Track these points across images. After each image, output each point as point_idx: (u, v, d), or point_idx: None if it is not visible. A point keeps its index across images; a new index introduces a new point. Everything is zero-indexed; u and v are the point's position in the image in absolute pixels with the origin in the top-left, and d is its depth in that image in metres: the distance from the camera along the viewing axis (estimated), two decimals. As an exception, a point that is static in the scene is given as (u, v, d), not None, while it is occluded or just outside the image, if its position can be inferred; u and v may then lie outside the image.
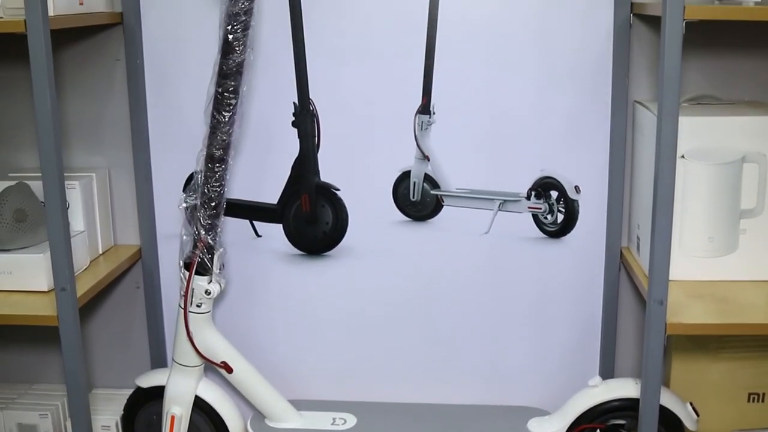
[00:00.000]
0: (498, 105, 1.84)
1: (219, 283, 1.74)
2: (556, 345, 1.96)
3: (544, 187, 1.87)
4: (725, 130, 1.63)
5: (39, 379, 2.12)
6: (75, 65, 1.91)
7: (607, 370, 1.96)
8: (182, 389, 1.79)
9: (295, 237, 1.94)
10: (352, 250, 1.93)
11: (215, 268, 1.72)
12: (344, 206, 1.91)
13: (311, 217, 1.92)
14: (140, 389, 1.89)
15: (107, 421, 1.94)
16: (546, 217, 1.89)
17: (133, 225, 1.98)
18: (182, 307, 1.74)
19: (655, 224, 1.45)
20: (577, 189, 1.87)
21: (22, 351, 2.11)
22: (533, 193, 1.88)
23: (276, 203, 1.92)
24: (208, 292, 1.73)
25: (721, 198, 1.66)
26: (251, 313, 1.99)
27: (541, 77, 1.82)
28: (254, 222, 1.94)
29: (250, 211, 1.93)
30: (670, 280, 1.48)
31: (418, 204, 1.91)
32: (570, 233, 1.89)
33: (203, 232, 1.69)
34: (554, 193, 1.87)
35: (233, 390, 1.88)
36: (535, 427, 1.84)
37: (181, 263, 1.73)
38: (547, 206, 1.88)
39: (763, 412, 1.85)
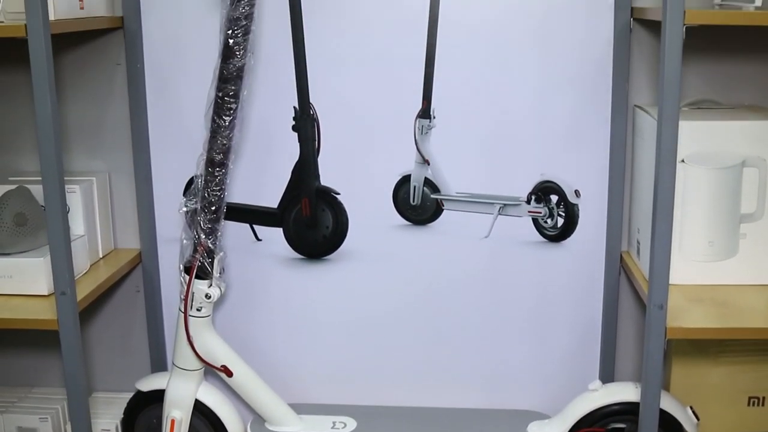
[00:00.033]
0: (498, 109, 1.84)
1: (219, 287, 1.74)
2: (557, 349, 1.96)
3: (544, 191, 1.87)
4: (725, 135, 1.63)
5: (39, 383, 2.12)
6: (75, 69, 1.91)
7: (607, 373, 1.96)
8: (182, 393, 1.79)
9: (295, 241, 1.94)
10: (353, 254, 1.93)
11: (215, 272, 1.73)
12: (344, 210, 1.91)
13: (311, 221, 1.92)
14: (140, 393, 1.89)
15: (107, 424, 1.94)
16: (546, 221, 1.89)
17: (133, 229, 1.98)
18: (182, 311, 1.74)
19: (655, 228, 1.45)
20: (577, 193, 1.87)
21: (22, 354, 2.11)
22: (533, 197, 1.88)
23: (276, 207, 1.92)
24: (208, 296, 1.73)
25: (721, 202, 1.66)
26: (251, 317, 1.99)
27: (541, 81, 1.82)
28: (254, 226, 1.94)
29: (251, 215, 1.93)
30: (670, 284, 1.48)
31: (418, 208, 1.91)
32: (570, 237, 1.89)
33: (203, 236, 1.69)
34: (554, 198, 1.87)
35: (233, 394, 1.88)
36: (535, 430, 1.84)
37: (182, 267, 1.73)
38: (547, 210, 1.88)
39: (764, 416, 1.85)
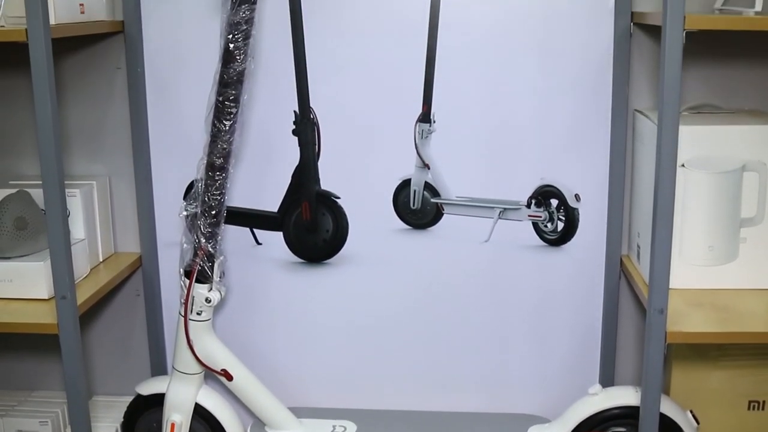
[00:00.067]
0: (498, 113, 1.84)
1: (219, 291, 1.74)
2: (557, 353, 1.96)
3: (544, 195, 1.87)
4: (725, 139, 1.63)
5: (39, 386, 2.12)
6: (76, 73, 1.91)
7: (608, 377, 1.96)
8: (182, 397, 1.79)
9: (295, 245, 1.94)
10: (353, 258, 1.93)
11: (215, 276, 1.73)
12: (344, 214, 1.91)
13: (311, 225, 1.92)
14: (140, 396, 1.89)
15: (107, 428, 1.94)
16: (546, 226, 1.89)
17: (133, 233, 1.98)
18: (182, 314, 1.74)
19: (655, 233, 1.45)
20: (577, 197, 1.87)
21: (22, 358, 2.11)
22: (533, 201, 1.88)
23: (276, 211, 1.92)
24: (208, 300, 1.73)
25: (721, 207, 1.66)
26: (251, 321, 1.99)
27: (541, 85, 1.82)
28: (255, 230, 1.94)
29: (251, 219, 1.93)
30: (670, 288, 1.48)
31: (419, 212, 1.91)
32: (570, 241, 1.89)
33: (203, 240, 1.69)
34: (554, 202, 1.88)
35: (233, 397, 1.88)
36: (535, 435, 1.84)
37: (182, 271, 1.73)
38: (548, 214, 1.88)
39: (764, 420, 1.85)
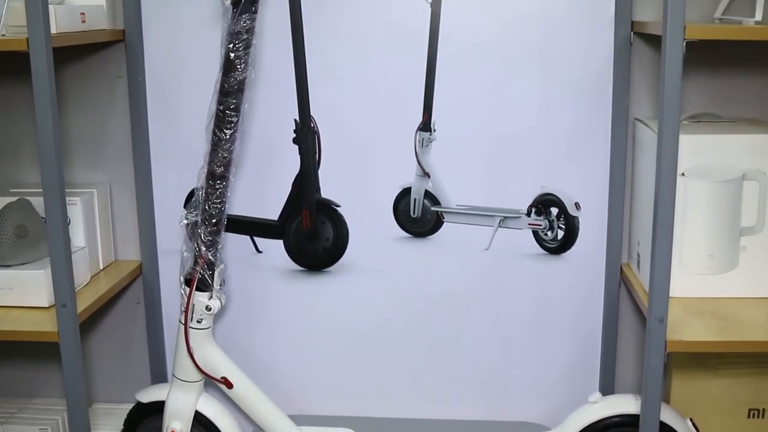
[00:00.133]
0: (499, 122, 1.84)
1: (219, 299, 1.74)
2: (557, 361, 1.96)
3: (544, 203, 1.88)
4: (725, 148, 1.64)
5: (39, 394, 2.11)
6: (77, 82, 1.91)
7: (607, 386, 1.96)
8: (182, 404, 1.79)
9: (295, 253, 1.94)
10: (353, 266, 1.93)
11: (216, 284, 1.73)
12: (345, 222, 1.92)
13: (312, 233, 1.93)
14: (140, 404, 1.89)
15: (107, 436, 1.94)
16: (546, 234, 1.89)
17: (133, 241, 1.98)
18: (183, 322, 1.74)
19: (655, 241, 1.45)
20: (577, 206, 1.87)
21: (22, 366, 2.10)
22: (533, 209, 1.88)
23: (277, 219, 1.93)
24: (208, 308, 1.73)
25: (721, 215, 1.67)
26: (252, 329, 1.99)
27: (541, 94, 1.82)
28: (255, 238, 1.94)
29: (251, 227, 1.93)
30: (670, 297, 1.48)
31: (419, 220, 1.91)
32: (570, 250, 1.89)
33: (204, 249, 1.69)
34: (554, 210, 1.88)
35: (233, 405, 1.87)
36: (535, 443, 1.84)
37: (182, 279, 1.73)
38: (548, 223, 1.88)
39: (764, 428, 1.85)
